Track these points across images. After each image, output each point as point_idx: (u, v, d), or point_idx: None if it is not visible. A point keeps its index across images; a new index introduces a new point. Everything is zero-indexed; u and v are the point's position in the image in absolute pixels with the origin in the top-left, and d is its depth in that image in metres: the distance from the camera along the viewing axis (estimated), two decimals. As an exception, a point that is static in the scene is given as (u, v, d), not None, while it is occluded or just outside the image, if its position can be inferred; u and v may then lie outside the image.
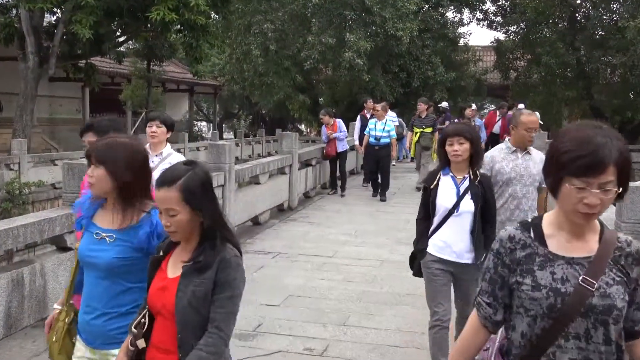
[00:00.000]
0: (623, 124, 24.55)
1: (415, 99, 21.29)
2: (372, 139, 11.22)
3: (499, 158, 4.36)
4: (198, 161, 2.20)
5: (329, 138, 11.80)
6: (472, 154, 3.67)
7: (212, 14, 17.49)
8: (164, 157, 4.19)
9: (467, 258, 3.77)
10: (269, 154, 26.99)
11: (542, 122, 13.81)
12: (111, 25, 16.15)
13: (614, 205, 4.28)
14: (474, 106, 15.22)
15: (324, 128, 12.03)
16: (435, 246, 3.81)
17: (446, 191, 3.72)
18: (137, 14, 15.43)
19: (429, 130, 12.32)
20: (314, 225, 8.97)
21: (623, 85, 22.71)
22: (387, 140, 11.17)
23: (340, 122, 11.90)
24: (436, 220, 3.77)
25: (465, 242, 3.73)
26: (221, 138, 35.40)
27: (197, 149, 23.01)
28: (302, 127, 42.32)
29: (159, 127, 4.24)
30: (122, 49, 21.05)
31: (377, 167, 11.32)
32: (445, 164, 3.75)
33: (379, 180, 11.50)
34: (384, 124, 11.21)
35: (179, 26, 16.14)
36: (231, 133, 49.39)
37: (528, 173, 4.30)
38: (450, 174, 3.74)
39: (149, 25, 15.99)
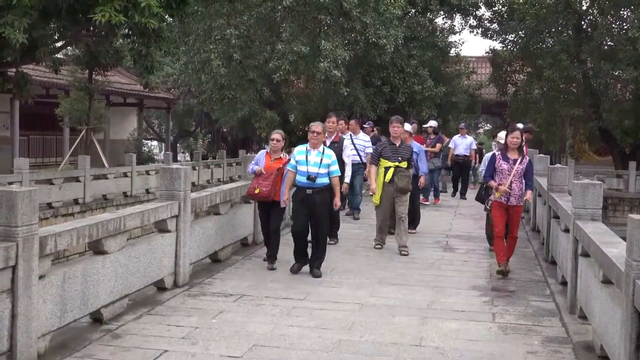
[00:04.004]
0: (636, 147, 25.11)
1: (401, 116, 21.61)
2: (301, 178, 8.40)
3: None
4: None
5: (268, 174, 8.67)
6: None
7: (167, 17, 17.56)
8: None
9: None
10: (231, 180, 26.94)
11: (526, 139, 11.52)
12: (47, 28, 16.08)
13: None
14: (407, 126, 11.83)
15: (261, 157, 8.95)
16: None
17: None
18: (77, 15, 15.40)
19: (405, 164, 9.96)
20: (282, 262, 8.96)
21: (635, 103, 23.26)
22: (325, 180, 8.41)
23: (289, 160, 8.89)
24: None
25: None
26: (175, 160, 35.26)
27: (147, 172, 22.88)
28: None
29: None
30: (59, 55, 20.95)
31: (307, 222, 8.45)
32: None
33: (313, 243, 8.62)
34: (321, 155, 8.43)
35: (126, 30, 16.13)
36: (187, 154, 49.26)
37: None
38: None
39: (91, 28, 15.95)
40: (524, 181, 8.64)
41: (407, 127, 12.00)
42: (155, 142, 52.28)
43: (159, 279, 7.37)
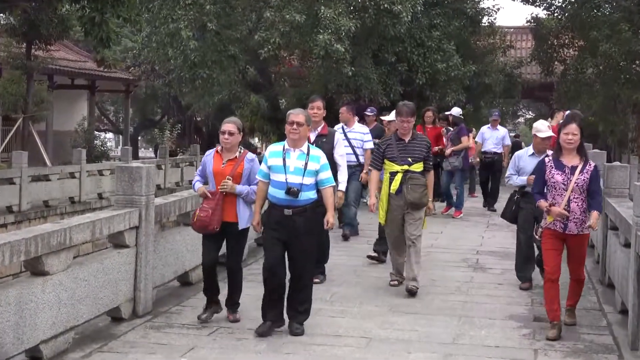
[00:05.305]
0: None
1: (419, 102, 21.59)
2: (276, 192, 7.27)
3: None
4: None
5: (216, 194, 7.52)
6: None
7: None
8: None
9: None
10: (207, 181, 26.89)
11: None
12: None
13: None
14: (390, 116, 11.72)
15: (208, 161, 7.73)
16: None
17: None
18: (13, -25, 15.43)
19: (418, 167, 9.02)
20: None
21: None
22: (312, 194, 7.35)
23: (255, 160, 7.72)
24: None
25: None
26: (135, 157, 35.24)
27: (100, 172, 22.88)
28: (255, 141, 42.47)
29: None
30: (-10, 25, 20.96)
31: (283, 256, 7.39)
32: None
33: (292, 290, 7.50)
34: (306, 156, 7.35)
35: (75, -7, 16.12)
36: (150, 149, 49.24)
37: None
38: None
39: (30, -10, 15.97)
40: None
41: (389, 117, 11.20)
42: (110, 135, 52.31)
43: (114, 307, 7.37)
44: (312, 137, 9.27)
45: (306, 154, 7.32)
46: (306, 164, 7.24)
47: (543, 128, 8.94)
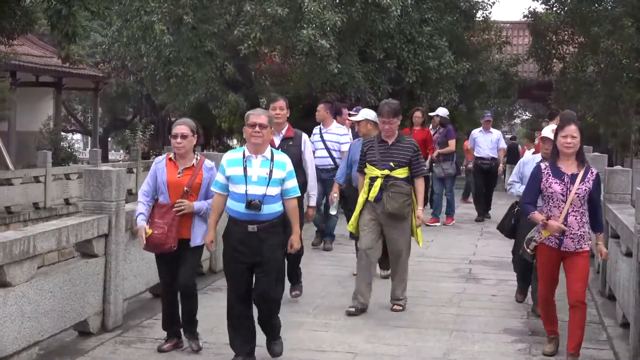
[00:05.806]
0: None
1: (409, 101, 21.63)
2: (236, 205, 6.67)
3: None
4: None
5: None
6: None
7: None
8: None
9: None
10: (181, 186, 26.82)
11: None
12: None
13: None
14: (358, 116, 10.06)
15: (159, 170, 7.20)
16: None
17: None
18: (-27, -36, 15.38)
19: (401, 173, 8.57)
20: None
21: None
22: (278, 206, 6.75)
23: (214, 169, 7.28)
24: None
25: None
26: (105, 160, 35.10)
27: (67, 176, 22.79)
28: (234, 143, 42.41)
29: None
30: (-52, 17, 20.79)
31: (249, 282, 6.81)
32: None
33: (263, 308, 6.86)
34: (270, 163, 6.73)
35: (40, -16, 16.06)
36: (121, 151, 49.07)
37: None
38: None
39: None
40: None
41: (366, 113, 9.85)
42: (78, 136, 52.11)
43: (82, 321, 7.34)
44: (277, 140, 8.81)
45: (270, 160, 6.72)
46: (271, 171, 6.64)
47: (545, 132, 8.58)
